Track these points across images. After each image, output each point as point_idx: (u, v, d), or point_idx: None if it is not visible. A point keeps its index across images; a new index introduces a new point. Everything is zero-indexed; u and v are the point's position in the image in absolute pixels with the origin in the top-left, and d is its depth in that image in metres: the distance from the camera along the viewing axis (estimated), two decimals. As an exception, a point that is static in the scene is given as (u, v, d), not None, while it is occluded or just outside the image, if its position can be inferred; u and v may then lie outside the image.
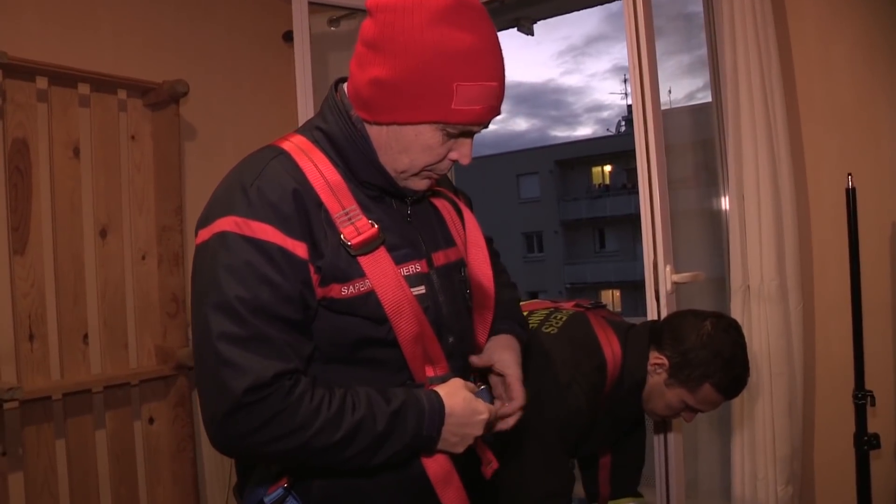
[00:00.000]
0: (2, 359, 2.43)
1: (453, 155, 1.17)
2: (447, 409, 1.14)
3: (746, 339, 1.81)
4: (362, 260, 1.12)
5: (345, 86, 1.21)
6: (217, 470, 3.06)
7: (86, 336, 2.63)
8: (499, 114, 1.14)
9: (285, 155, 1.15)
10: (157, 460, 2.86)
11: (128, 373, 2.75)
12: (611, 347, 1.78)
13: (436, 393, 1.16)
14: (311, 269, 1.09)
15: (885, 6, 2.46)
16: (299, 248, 1.08)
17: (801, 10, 2.58)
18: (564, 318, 1.87)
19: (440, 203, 1.38)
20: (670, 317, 1.93)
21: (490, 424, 1.23)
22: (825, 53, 2.54)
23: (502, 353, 1.36)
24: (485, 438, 1.27)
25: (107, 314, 2.72)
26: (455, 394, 1.17)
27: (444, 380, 1.21)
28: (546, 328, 1.85)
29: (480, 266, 1.36)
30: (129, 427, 2.78)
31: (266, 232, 1.06)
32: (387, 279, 1.14)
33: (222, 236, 1.07)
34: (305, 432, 1.05)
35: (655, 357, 1.79)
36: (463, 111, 1.08)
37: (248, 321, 1.04)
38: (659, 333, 1.83)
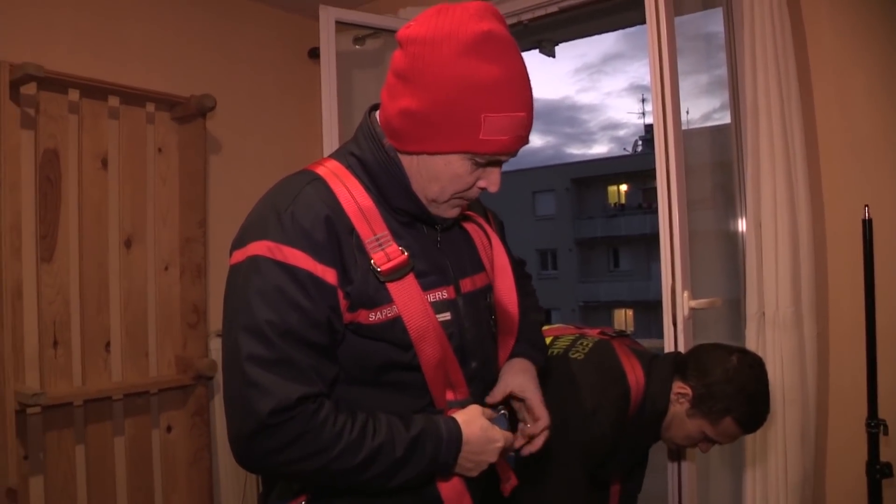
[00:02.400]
0: (27, 364, 2.48)
1: (482, 183, 1.19)
2: (464, 437, 1.17)
3: None
4: (391, 286, 1.15)
5: (377, 113, 1.23)
6: (232, 480, 3.09)
7: (108, 344, 2.68)
8: (527, 142, 1.16)
9: (320, 181, 1.17)
10: (173, 468, 2.90)
11: (148, 381, 2.80)
12: (635, 375, 1.80)
13: (454, 420, 1.18)
14: (340, 294, 1.12)
15: (906, 38, 2.47)
16: (329, 275, 1.10)
17: (820, 38, 2.59)
18: (590, 345, 1.89)
19: (471, 227, 1.40)
20: (696, 348, 1.94)
21: (511, 448, 1.25)
22: (844, 83, 2.55)
23: (517, 377, 1.37)
24: (507, 458, 1.30)
25: (129, 323, 2.77)
26: (472, 422, 1.19)
27: (463, 405, 1.23)
28: (573, 353, 1.86)
29: (507, 292, 1.38)
30: (148, 435, 2.82)
31: (297, 258, 1.09)
32: (413, 305, 1.16)
33: (255, 260, 1.10)
34: (327, 455, 1.08)
35: (679, 387, 1.81)
36: (490, 141, 1.10)
37: (276, 344, 1.06)
38: (684, 364, 1.85)
